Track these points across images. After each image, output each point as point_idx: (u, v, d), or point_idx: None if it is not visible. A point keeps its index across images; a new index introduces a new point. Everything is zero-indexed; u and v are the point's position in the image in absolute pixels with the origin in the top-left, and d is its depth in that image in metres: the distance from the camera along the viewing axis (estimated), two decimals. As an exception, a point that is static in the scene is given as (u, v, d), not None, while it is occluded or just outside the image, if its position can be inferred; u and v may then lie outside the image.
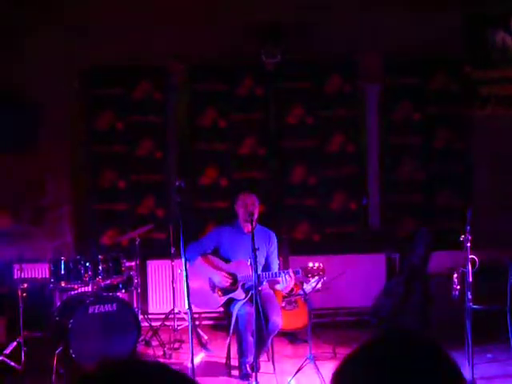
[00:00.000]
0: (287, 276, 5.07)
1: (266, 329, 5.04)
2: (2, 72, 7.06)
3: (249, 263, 4.96)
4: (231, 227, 5.52)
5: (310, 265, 5.03)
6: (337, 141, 7.48)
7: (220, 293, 5.37)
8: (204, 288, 5.40)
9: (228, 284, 5.32)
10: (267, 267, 5.45)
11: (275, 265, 5.51)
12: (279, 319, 5.26)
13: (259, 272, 5.03)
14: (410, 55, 7.33)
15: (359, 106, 7.62)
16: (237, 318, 5.18)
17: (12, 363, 5.40)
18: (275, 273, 5.23)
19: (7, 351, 5.48)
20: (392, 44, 7.21)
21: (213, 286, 5.39)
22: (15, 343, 5.52)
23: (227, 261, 5.43)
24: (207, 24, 7.24)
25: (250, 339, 5.15)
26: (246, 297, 5.24)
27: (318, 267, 5.01)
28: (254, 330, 4.92)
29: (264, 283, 5.48)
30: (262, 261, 5.39)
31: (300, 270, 5.03)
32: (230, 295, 5.33)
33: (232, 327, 5.20)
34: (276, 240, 5.57)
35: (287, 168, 7.49)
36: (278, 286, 5.36)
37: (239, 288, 5.30)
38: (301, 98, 7.46)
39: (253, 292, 4.81)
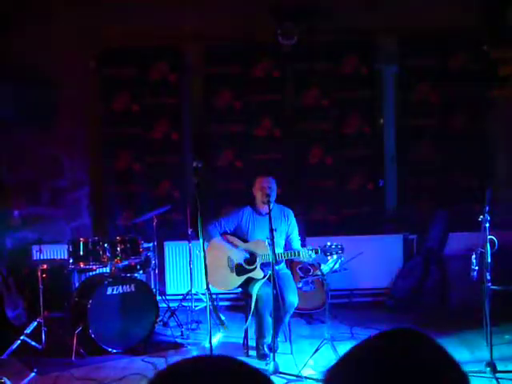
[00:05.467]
0: (311, 253, 5.08)
1: (283, 308, 5.07)
2: (20, 50, 7.08)
3: (266, 244, 4.97)
4: (250, 208, 5.54)
5: (329, 243, 5.04)
6: (353, 122, 7.43)
7: (238, 273, 5.39)
8: (223, 268, 5.42)
9: (247, 258, 5.35)
10: (289, 245, 5.47)
11: (297, 242, 5.53)
12: (295, 298, 5.28)
13: (277, 252, 5.05)
14: (427, 35, 7.24)
15: (376, 87, 7.55)
16: (256, 298, 5.20)
17: (33, 343, 5.48)
18: (294, 251, 5.25)
19: (28, 331, 5.55)
20: (409, 24, 7.13)
21: (231, 266, 5.42)
22: (36, 323, 5.60)
23: (245, 240, 5.45)
24: (223, 5, 7.19)
25: (269, 320, 5.18)
26: (264, 276, 5.26)
27: (337, 246, 5.03)
28: (272, 310, 4.95)
29: (282, 264, 5.50)
30: (280, 242, 5.40)
31: (320, 249, 5.04)
32: (249, 274, 5.36)
33: (252, 308, 5.22)
34: (294, 217, 5.59)
35: (304, 149, 7.47)
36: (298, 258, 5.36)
37: (258, 267, 5.32)
38: (317, 79, 7.41)
39: (271, 272, 4.83)
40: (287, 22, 7.03)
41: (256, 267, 5.33)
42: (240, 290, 5.62)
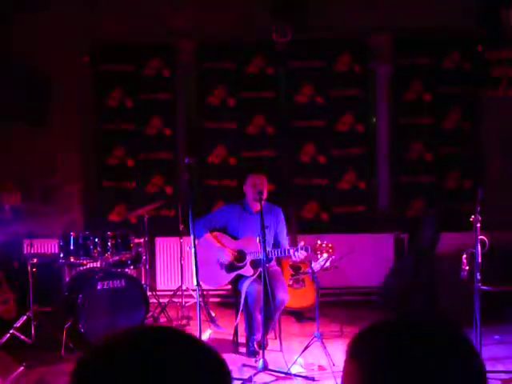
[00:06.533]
0: (299, 253, 5.07)
1: (273, 305, 5.06)
2: (15, 46, 7.05)
3: (258, 241, 4.96)
4: (240, 206, 5.52)
5: (319, 242, 5.03)
6: (346, 120, 7.44)
7: (228, 269, 5.39)
8: (212, 265, 5.41)
9: (233, 260, 5.34)
10: (277, 244, 5.47)
11: (285, 241, 5.53)
12: (285, 295, 5.28)
13: (268, 249, 5.05)
14: (421, 35, 7.25)
15: (369, 85, 7.56)
16: (246, 295, 5.20)
17: (22, 337, 5.46)
18: (285, 250, 5.24)
19: (17, 325, 5.53)
20: (404, 23, 7.14)
21: (221, 263, 5.41)
22: (25, 317, 5.57)
23: (235, 238, 5.44)
24: (218, 1, 7.18)
25: (259, 317, 5.17)
26: (254, 273, 5.26)
27: (327, 245, 5.01)
28: (262, 307, 4.95)
29: (272, 261, 5.49)
30: (269, 239, 5.39)
31: (309, 247, 5.02)
32: (239, 272, 5.35)
33: (241, 305, 5.21)
34: (283, 215, 5.58)
35: (296, 147, 7.47)
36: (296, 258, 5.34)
37: (248, 264, 5.31)
38: (311, 77, 7.42)
39: (261, 269, 4.83)
40: (281, 19, 7.02)
41: (246, 264, 5.33)
42: (230, 286, 5.62)
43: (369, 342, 1.10)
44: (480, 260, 4.80)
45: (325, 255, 5.04)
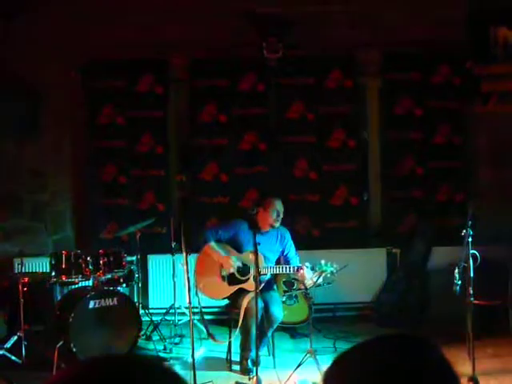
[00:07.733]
0: (305, 272, 5.11)
1: (267, 321, 5.06)
2: (5, 60, 7.05)
3: (250, 257, 4.98)
4: (247, 224, 5.52)
5: (323, 262, 5.07)
6: (337, 136, 7.46)
7: (230, 282, 5.37)
8: (214, 275, 5.40)
9: (235, 272, 5.35)
10: (288, 262, 5.49)
11: (296, 258, 5.55)
12: (281, 313, 5.28)
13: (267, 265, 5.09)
14: (411, 50, 7.30)
15: (360, 101, 7.60)
16: (245, 311, 5.18)
17: (13, 357, 5.41)
18: (295, 267, 5.27)
19: (8, 345, 5.48)
20: (393, 39, 7.19)
21: (223, 275, 5.40)
22: (16, 337, 5.52)
23: (240, 253, 5.46)
24: (210, 18, 7.21)
25: (255, 333, 5.16)
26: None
27: (332, 265, 5.06)
28: (257, 323, 4.95)
29: (268, 277, 5.51)
30: (270, 257, 5.42)
31: (315, 267, 5.09)
32: (241, 285, 5.35)
33: (240, 321, 5.19)
34: (289, 235, 5.62)
35: (288, 163, 7.48)
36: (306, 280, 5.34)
37: (251, 279, 5.31)
38: (302, 93, 7.45)
39: (262, 284, 4.85)
40: (272, 36, 7.07)
41: (249, 278, 5.33)
42: (224, 302, 5.60)
43: (338, 374, 1.10)
44: (472, 274, 4.81)
45: (328, 270, 5.07)
